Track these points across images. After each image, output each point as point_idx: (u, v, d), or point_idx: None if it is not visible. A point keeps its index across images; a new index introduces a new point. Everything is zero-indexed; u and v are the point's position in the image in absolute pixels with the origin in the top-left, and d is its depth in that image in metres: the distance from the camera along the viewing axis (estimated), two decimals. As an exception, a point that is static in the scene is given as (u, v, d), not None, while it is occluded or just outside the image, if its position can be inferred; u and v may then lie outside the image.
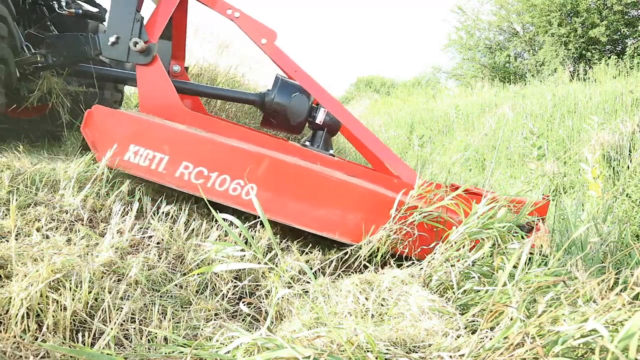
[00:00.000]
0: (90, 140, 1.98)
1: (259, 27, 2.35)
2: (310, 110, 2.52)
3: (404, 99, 14.17)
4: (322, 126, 2.51)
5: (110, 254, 1.44)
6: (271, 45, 2.35)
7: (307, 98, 2.51)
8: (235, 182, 1.90)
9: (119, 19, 2.20)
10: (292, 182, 1.90)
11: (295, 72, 2.37)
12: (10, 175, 1.76)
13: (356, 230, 1.88)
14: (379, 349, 1.04)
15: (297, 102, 2.49)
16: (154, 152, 1.92)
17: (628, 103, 6.23)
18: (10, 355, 1.00)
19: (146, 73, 2.23)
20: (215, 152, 1.92)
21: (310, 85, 2.37)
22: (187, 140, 1.94)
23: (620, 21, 12.75)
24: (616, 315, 0.90)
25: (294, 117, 2.51)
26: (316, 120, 2.51)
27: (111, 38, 2.18)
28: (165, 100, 2.21)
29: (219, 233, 1.85)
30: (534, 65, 13.86)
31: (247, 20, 2.34)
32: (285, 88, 2.53)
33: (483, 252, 1.55)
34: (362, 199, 1.90)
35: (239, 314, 1.46)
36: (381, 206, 1.88)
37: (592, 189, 3.36)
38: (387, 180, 2.21)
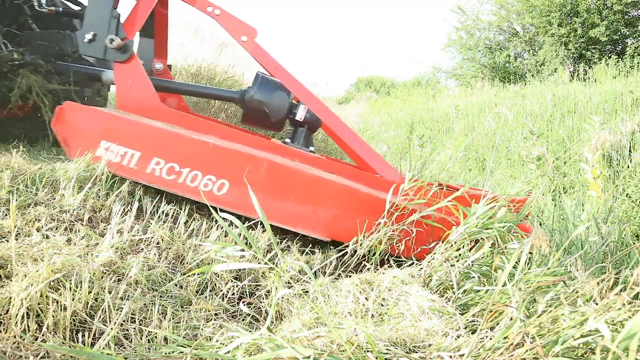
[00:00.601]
0: (61, 137, 1.99)
1: (240, 24, 2.35)
2: (291, 107, 2.51)
3: (404, 99, 14.17)
4: (302, 123, 2.51)
5: (110, 254, 1.44)
6: (252, 42, 2.34)
7: (287, 95, 2.50)
8: (207, 178, 1.90)
9: (95, 16, 2.20)
10: (264, 178, 1.90)
11: (275, 69, 2.36)
12: (10, 175, 1.76)
13: (330, 226, 1.88)
14: (379, 349, 1.04)
15: (276, 99, 2.49)
16: (125, 149, 1.92)
17: (628, 103, 6.23)
18: (10, 355, 1.00)
19: (123, 70, 2.23)
20: (187, 148, 1.92)
21: (290, 83, 2.36)
22: (158, 137, 1.93)
23: (620, 21, 12.75)
24: (616, 315, 0.90)
25: (274, 114, 2.50)
26: (296, 117, 2.50)
27: (87, 35, 2.18)
28: (142, 98, 2.22)
29: (218, 233, 1.85)
30: (534, 65, 13.86)
31: (227, 17, 2.34)
32: (265, 85, 2.53)
33: (483, 252, 1.55)
34: (335, 194, 1.89)
35: (239, 314, 1.46)
36: (355, 202, 1.88)
37: (592, 189, 3.36)
38: (367, 178, 2.20)
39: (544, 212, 3.34)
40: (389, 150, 7.03)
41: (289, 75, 2.37)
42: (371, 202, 1.89)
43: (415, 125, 9.68)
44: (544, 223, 2.89)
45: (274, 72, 2.38)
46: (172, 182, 1.90)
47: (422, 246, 1.87)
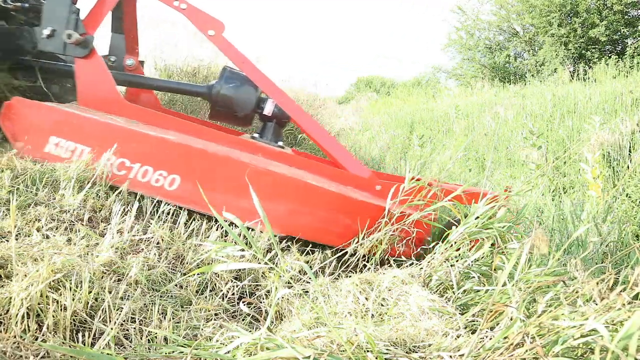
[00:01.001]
0: (9, 133, 1.98)
1: (207, 18, 2.33)
2: (259, 101, 2.49)
3: (404, 99, 14.16)
4: (271, 118, 2.49)
5: (110, 254, 1.44)
6: (219, 36, 2.33)
7: (255, 89, 2.48)
8: (158, 174, 1.90)
9: (54, 11, 2.18)
10: (215, 173, 1.89)
11: (242, 63, 2.34)
12: (11, 175, 1.76)
13: (284, 221, 1.87)
14: (379, 349, 1.04)
15: (243, 93, 2.47)
16: (75, 144, 1.91)
17: (628, 103, 6.23)
18: (10, 355, 1.00)
19: (84, 66, 2.21)
20: (137, 143, 1.90)
21: (257, 77, 2.35)
22: (108, 132, 1.92)
23: (620, 21, 12.75)
24: (616, 315, 0.90)
25: (241, 109, 2.49)
26: (264, 112, 2.49)
27: (45, 31, 2.16)
28: (103, 93, 2.20)
29: (218, 233, 1.85)
30: (533, 65, 13.87)
31: (194, 11, 2.32)
32: (231, 79, 2.51)
33: (483, 252, 1.55)
34: (286, 188, 1.88)
35: (239, 314, 1.46)
36: (310, 197, 1.87)
37: (592, 189, 3.36)
38: (333, 173, 2.19)
39: (543, 212, 3.34)
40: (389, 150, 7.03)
41: (256, 70, 2.35)
42: (326, 197, 1.88)
43: (415, 125, 9.68)
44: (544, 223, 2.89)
45: (241, 66, 2.36)
46: (123, 178, 1.89)
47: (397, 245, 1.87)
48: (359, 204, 1.91)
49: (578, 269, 1.43)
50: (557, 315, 0.97)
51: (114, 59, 2.79)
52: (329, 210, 1.90)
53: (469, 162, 6.62)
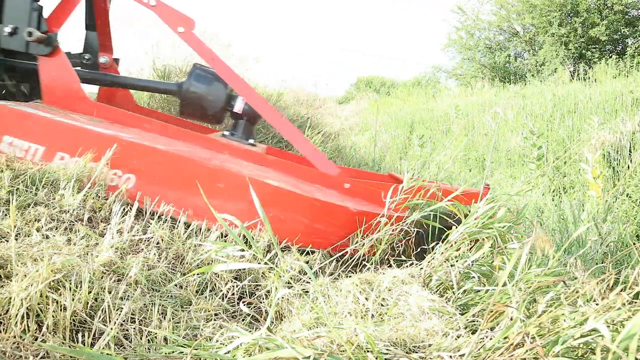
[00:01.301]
0: None
1: (177, 15, 2.31)
2: (229, 99, 2.48)
3: (404, 99, 14.16)
4: (241, 115, 2.48)
5: (110, 254, 1.43)
6: (189, 33, 2.31)
7: (225, 87, 2.47)
8: (113, 173, 1.89)
9: (15, 8, 2.16)
10: (168, 171, 1.88)
11: (212, 60, 2.32)
12: (10, 175, 1.76)
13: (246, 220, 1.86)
14: (379, 349, 1.04)
15: (213, 91, 2.46)
16: (29, 143, 1.89)
17: (628, 103, 6.23)
18: (10, 355, 1.00)
19: (47, 64, 2.20)
20: (91, 142, 1.89)
21: (227, 74, 2.32)
22: (61, 131, 1.90)
23: (621, 21, 12.75)
24: (616, 315, 0.90)
25: (211, 106, 2.47)
26: (234, 110, 2.47)
27: (6, 28, 2.15)
28: (67, 91, 2.19)
29: (218, 233, 1.85)
30: (534, 65, 13.86)
31: (164, 8, 2.31)
32: (201, 77, 2.50)
33: (483, 252, 1.54)
34: (245, 187, 1.85)
35: (239, 314, 1.46)
36: (270, 196, 1.86)
37: (592, 189, 3.36)
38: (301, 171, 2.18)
39: (544, 212, 3.34)
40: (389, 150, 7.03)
41: (226, 67, 2.33)
42: (284, 196, 1.87)
43: (415, 125, 9.68)
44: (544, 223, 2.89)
45: (211, 63, 2.34)
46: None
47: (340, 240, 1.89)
48: (319, 203, 1.89)
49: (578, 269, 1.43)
50: (557, 315, 0.97)
51: (89, 56, 2.78)
52: (288, 209, 1.89)
53: (469, 162, 6.62)
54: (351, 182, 2.15)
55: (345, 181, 2.14)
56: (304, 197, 1.89)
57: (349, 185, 2.13)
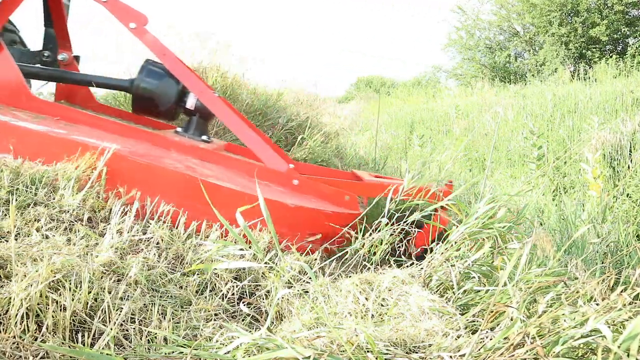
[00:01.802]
0: None
1: (128, 11, 2.29)
2: (181, 95, 2.45)
3: (404, 99, 14.16)
4: (194, 111, 2.46)
5: (110, 254, 1.43)
6: (141, 29, 2.29)
7: (176, 83, 2.44)
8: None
9: None
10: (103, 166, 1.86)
11: (164, 55, 2.30)
12: (10, 175, 1.75)
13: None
14: (379, 349, 1.04)
15: (163, 86, 2.43)
16: None
17: (628, 103, 6.23)
18: (10, 355, 1.00)
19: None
20: (28, 139, 1.88)
21: (179, 70, 2.31)
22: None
23: (621, 21, 12.75)
24: (616, 316, 0.89)
25: (162, 102, 2.45)
26: (187, 106, 2.45)
27: None
28: (10, 88, 2.18)
29: (218, 233, 1.85)
30: (534, 65, 13.86)
31: (115, 4, 2.29)
32: (152, 72, 2.48)
33: (483, 252, 1.54)
34: (178, 184, 1.86)
35: (238, 314, 1.46)
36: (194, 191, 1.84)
37: (593, 189, 3.36)
38: (249, 168, 2.15)
39: (544, 212, 3.34)
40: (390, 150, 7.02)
41: (178, 63, 2.31)
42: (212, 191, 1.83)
43: (415, 125, 9.68)
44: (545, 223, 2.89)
45: (163, 59, 2.32)
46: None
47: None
48: (249, 198, 1.87)
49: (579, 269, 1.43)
50: (557, 315, 0.97)
51: (48, 54, 2.78)
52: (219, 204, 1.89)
53: (469, 162, 6.62)
54: (301, 179, 2.12)
55: (294, 178, 2.11)
56: (235, 192, 1.87)
57: (298, 182, 2.10)
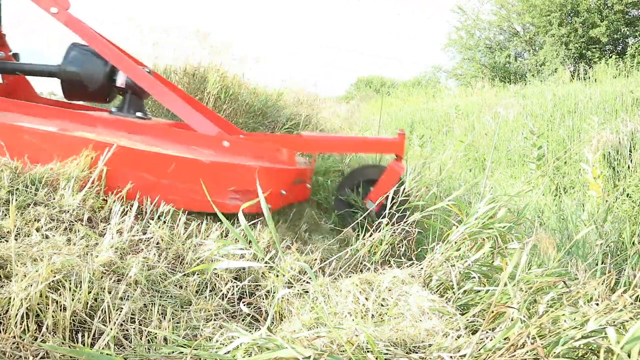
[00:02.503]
0: None
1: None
2: (110, 74, 2.45)
3: (404, 99, 14.15)
4: (125, 89, 2.47)
5: (110, 254, 1.43)
6: (63, 13, 2.27)
7: (104, 63, 2.44)
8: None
9: None
10: (26, 144, 1.88)
11: (88, 36, 2.30)
12: (10, 175, 1.75)
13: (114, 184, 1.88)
14: (379, 349, 1.04)
15: (90, 67, 2.43)
16: None
17: (628, 103, 6.23)
18: (10, 355, 1.00)
19: None
20: None
21: (104, 50, 2.31)
22: None
23: (621, 21, 12.75)
24: (617, 317, 0.89)
25: (91, 84, 2.45)
26: (117, 84, 2.45)
27: None
28: None
29: (218, 233, 1.85)
30: (534, 65, 13.86)
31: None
32: (76, 55, 2.47)
33: (483, 252, 1.54)
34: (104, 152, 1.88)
35: (239, 314, 1.46)
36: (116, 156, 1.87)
37: (593, 189, 3.36)
38: (178, 135, 2.17)
39: (544, 212, 3.34)
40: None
41: (104, 43, 2.31)
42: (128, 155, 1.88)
43: (415, 125, 9.68)
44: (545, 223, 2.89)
45: (88, 40, 2.31)
46: None
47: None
48: (164, 157, 1.90)
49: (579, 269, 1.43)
50: (558, 315, 0.97)
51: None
52: (136, 168, 1.90)
53: (470, 161, 6.62)
54: (233, 140, 2.14)
55: (225, 140, 2.13)
56: (147, 153, 1.89)
57: (229, 144, 2.12)
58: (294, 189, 2.27)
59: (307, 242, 2.02)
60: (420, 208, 1.93)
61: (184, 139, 2.14)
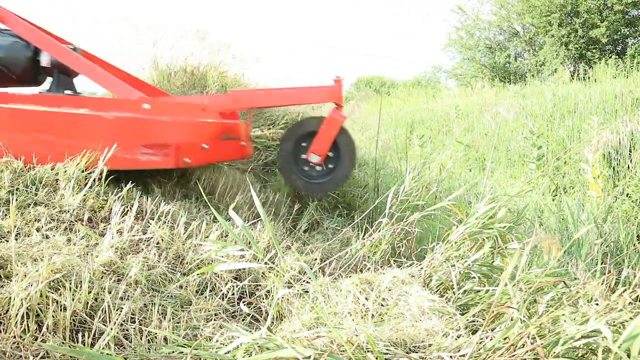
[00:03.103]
0: None
1: None
2: (34, 55, 2.44)
3: (404, 99, 14.15)
4: (51, 68, 2.46)
5: (110, 254, 1.43)
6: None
7: (27, 45, 2.42)
8: None
9: None
10: None
11: (10, 20, 2.30)
12: (11, 176, 1.75)
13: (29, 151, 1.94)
14: (379, 349, 1.04)
15: (10, 51, 2.41)
16: None
17: (628, 103, 6.23)
18: (10, 355, 1.00)
19: None
20: None
21: (25, 31, 2.30)
22: None
23: (621, 21, 12.75)
24: (617, 316, 0.89)
25: (14, 67, 2.43)
26: (43, 64, 2.44)
27: None
28: None
29: (218, 233, 1.85)
30: (534, 66, 13.86)
31: None
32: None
33: (483, 252, 1.54)
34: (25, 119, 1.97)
35: (239, 314, 1.46)
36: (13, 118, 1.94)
37: (592, 189, 3.36)
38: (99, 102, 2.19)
39: (544, 212, 3.34)
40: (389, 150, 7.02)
41: (23, 24, 2.31)
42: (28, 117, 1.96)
43: (415, 125, 9.68)
44: (545, 223, 2.89)
45: (6, 23, 2.31)
46: None
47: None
48: (65, 116, 1.97)
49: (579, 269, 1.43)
50: (558, 315, 0.97)
51: None
52: (38, 130, 1.96)
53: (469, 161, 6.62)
54: (153, 102, 2.17)
55: (145, 102, 2.16)
56: (48, 113, 1.95)
57: (149, 106, 2.15)
58: (222, 145, 2.31)
59: (307, 242, 2.01)
60: (420, 208, 1.93)
61: (104, 105, 2.16)
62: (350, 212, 2.99)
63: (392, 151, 6.93)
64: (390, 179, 3.75)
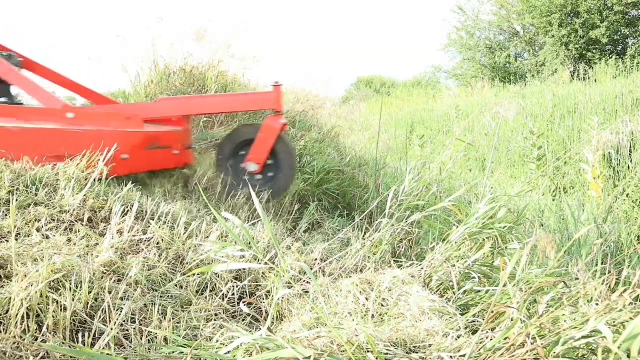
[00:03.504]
0: None
1: None
2: None
3: (404, 99, 14.15)
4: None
5: (110, 254, 1.43)
6: None
7: None
8: None
9: None
10: None
11: None
12: (10, 176, 1.75)
13: None
14: (379, 349, 1.04)
15: None
16: None
17: (628, 103, 6.23)
18: (10, 355, 1.00)
19: None
20: None
21: None
22: None
23: (621, 21, 12.76)
24: (617, 316, 0.89)
25: None
26: None
27: None
28: None
29: (218, 233, 1.85)
30: (534, 66, 13.87)
31: None
32: None
33: (483, 252, 1.54)
34: None
35: (239, 314, 1.46)
36: None
37: (593, 188, 3.36)
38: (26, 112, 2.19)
39: (544, 212, 3.34)
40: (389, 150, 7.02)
41: None
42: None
43: (415, 125, 9.68)
44: (545, 223, 2.89)
45: None
46: None
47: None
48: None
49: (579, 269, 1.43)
50: (558, 315, 0.97)
51: None
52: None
53: (469, 161, 6.62)
54: (77, 111, 2.20)
55: (69, 111, 2.18)
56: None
57: (74, 114, 2.17)
58: (148, 155, 2.29)
59: (307, 242, 2.01)
60: (420, 208, 1.93)
61: (26, 114, 2.16)
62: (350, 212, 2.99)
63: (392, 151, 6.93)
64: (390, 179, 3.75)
